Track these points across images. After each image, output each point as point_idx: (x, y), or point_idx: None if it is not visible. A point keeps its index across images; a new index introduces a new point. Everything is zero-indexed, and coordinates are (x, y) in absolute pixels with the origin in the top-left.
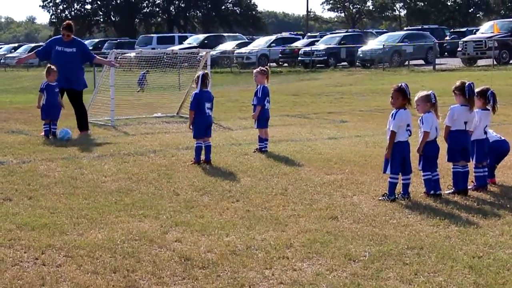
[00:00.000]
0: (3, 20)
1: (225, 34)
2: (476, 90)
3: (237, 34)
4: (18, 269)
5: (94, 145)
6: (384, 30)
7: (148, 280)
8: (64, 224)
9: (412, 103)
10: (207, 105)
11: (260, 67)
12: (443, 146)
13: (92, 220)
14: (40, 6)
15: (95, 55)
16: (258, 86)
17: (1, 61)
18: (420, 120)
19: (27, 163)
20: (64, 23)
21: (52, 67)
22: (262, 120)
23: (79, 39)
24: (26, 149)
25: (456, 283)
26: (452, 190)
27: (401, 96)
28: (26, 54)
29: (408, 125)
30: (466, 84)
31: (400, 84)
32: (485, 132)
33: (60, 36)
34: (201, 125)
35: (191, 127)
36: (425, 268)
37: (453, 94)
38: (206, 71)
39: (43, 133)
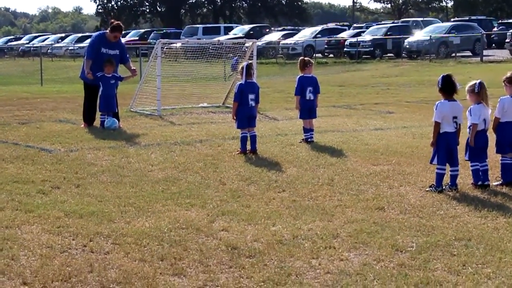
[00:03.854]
0: (50, 10)
1: None
2: None
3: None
4: (67, 256)
5: (140, 135)
6: (432, 19)
7: (195, 268)
8: (111, 212)
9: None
10: (251, 96)
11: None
12: (492, 138)
13: (139, 208)
14: None
15: (129, 59)
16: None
17: (48, 51)
18: (468, 111)
19: (75, 151)
20: (116, 23)
21: (112, 60)
22: (304, 111)
23: (121, 39)
24: (74, 138)
25: (504, 274)
26: (501, 182)
27: (439, 89)
28: (87, 65)
29: (455, 117)
30: None
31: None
32: None
33: (104, 33)
34: (243, 115)
35: (234, 117)
36: (473, 259)
37: (504, 85)
38: (250, 62)
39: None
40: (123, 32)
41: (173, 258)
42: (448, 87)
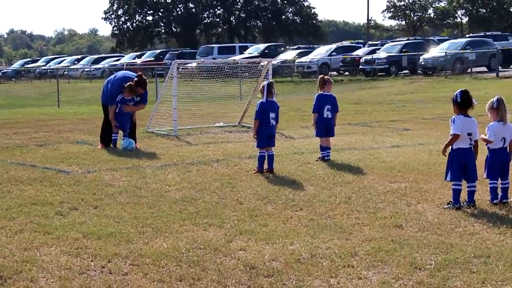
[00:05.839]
0: (66, 32)
1: None
2: None
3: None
4: (86, 278)
5: (157, 155)
6: (446, 38)
7: None
8: (129, 233)
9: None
10: (272, 115)
11: None
12: None
13: (157, 229)
14: (102, 18)
15: (145, 102)
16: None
17: (65, 73)
18: (487, 128)
19: (92, 173)
20: (142, 78)
21: (132, 86)
22: (320, 129)
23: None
24: (91, 159)
25: None
26: None
27: (454, 105)
28: (112, 111)
29: (469, 134)
30: None
31: (456, 93)
32: None
33: (126, 80)
34: (265, 134)
35: (255, 136)
36: (492, 276)
37: None
38: (271, 80)
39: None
40: (138, 53)
41: (192, 279)
42: (465, 102)
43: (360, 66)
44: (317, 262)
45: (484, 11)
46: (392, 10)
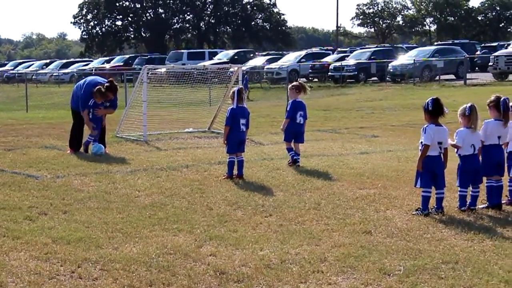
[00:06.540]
0: (34, 36)
1: None
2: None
3: None
4: (55, 283)
5: (127, 160)
6: (414, 45)
7: None
8: (99, 238)
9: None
10: (242, 121)
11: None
12: None
13: (126, 234)
14: (71, 22)
15: (115, 107)
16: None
17: (33, 77)
18: (455, 133)
19: (61, 178)
20: (112, 85)
21: (102, 90)
22: (291, 134)
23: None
24: (60, 164)
25: None
26: (486, 205)
27: (425, 113)
28: (85, 116)
29: (440, 143)
30: (501, 99)
31: (427, 101)
32: None
33: (96, 86)
34: (235, 140)
35: (225, 142)
36: (460, 282)
37: (488, 108)
38: (241, 87)
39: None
40: (107, 58)
41: (162, 284)
42: (437, 110)
43: (329, 73)
44: (287, 267)
45: (452, 19)
46: (361, 17)
